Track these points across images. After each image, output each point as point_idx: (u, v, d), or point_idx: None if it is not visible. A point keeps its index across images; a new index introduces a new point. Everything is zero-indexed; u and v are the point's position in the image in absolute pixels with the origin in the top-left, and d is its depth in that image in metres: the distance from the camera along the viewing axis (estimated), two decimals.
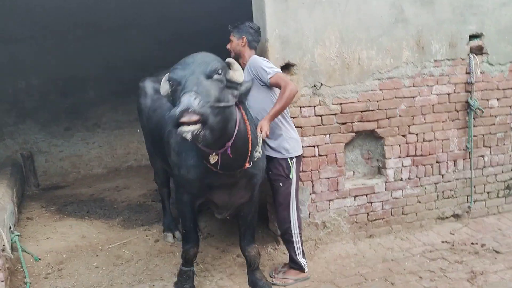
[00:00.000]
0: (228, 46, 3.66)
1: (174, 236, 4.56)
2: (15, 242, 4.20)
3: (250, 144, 2.93)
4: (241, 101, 2.86)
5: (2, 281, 3.40)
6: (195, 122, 2.30)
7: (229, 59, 2.80)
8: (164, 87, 2.76)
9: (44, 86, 7.22)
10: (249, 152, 2.96)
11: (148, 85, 4.39)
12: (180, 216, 3.51)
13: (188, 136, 2.31)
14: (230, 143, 2.74)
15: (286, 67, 3.92)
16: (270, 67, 3.41)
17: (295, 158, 3.58)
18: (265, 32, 3.79)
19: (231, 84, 2.71)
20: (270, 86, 3.44)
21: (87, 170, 7.64)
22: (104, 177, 7.44)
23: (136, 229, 4.93)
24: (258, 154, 2.94)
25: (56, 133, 7.44)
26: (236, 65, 2.79)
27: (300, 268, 3.69)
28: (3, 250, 3.59)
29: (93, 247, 4.48)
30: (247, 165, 2.96)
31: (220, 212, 3.49)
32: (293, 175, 3.55)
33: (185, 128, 2.30)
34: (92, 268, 4.06)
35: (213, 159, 2.71)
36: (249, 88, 2.84)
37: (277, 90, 3.44)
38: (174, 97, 2.61)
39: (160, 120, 3.75)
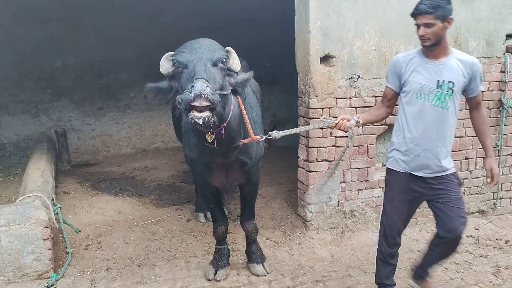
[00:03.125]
0: (422, 32, 2.69)
1: (205, 217, 4.74)
2: (57, 214, 4.44)
3: (247, 124, 3.02)
4: (235, 90, 2.90)
5: (50, 249, 3.63)
6: (205, 108, 2.37)
7: (228, 48, 2.85)
8: (165, 65, 2.77)
9: (80, 66, 7.44)
10: (243, 132, 3.09)
11: None
12: (203, 198, 3.67)
13: (200, 122, 2.40)
14: (224, 125, 2.83)
15: (325, 59, 4.03)
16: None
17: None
18: (308, 24, 3.89)
19: (229, 73, 2.81)
20: (470, 102, 2.92)
21: (117, 150, 7.88)
22: (133, 157, 7.66)
23: (168, 208, 5.12)
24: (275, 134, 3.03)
25: (89, 112, 7.68)
26: (233, 54, 2.86)
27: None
28: (49, 220, 3.81)
29: (129, 222, 4.70)
30: (241, 143, 3.08)
31: (223, 195, 3.64)
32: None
33: (197, 114, 2.37)
34: (129, 242, 4.27)
35: (209, 138, 2.81)
36: (246, 79, 2.91)
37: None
38: (178, 79, 2.66)
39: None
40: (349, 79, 4.10)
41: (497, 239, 4.31)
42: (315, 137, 4.15)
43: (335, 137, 4.19)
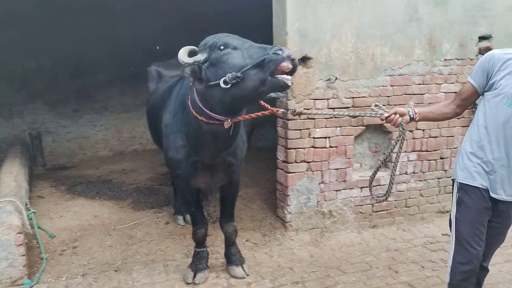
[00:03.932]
0: None
1: (184, 219, 4.69)
2: (31, 219, 4.33)
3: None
4: None
5: (23, 255, 3.54)
6: (289, 72, 2.47)
7: None
8: (198, 57, 2.72)
9: (55, 67, 7.27)
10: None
11: (153, 69, 4.63)
12: (183, 201, 3.66)
13: (290, 84, 2.49)
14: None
15: (303, 60, 4.05)
16: None
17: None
18: (285, 25, 3.90)
19: None
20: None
21: (93, 152, 7.74)
22: (110, 160, 7.54)
23: (147, 211, 5.06)
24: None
25: (64, 114, 7.52)
26: None
27: None
28: (22, 225, 3.71)
29: (105, 226, 4.61)
30: (262, 114, 3.11)
31: (205, 196, 3.66)
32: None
33: (288, 76, 2.47)
34: (106, 247, 4.20)
35: (227, 124, 2.82)
36: None
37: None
38: (220, 61, 2.64)
39: (155, 104, 3.91)
40: (326, 80, 4.14)
41: None
42: (294, 138, 4.17)
43: (314, 138, 4.22)
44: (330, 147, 4.29)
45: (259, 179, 5.98)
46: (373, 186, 4.43)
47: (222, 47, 2.64)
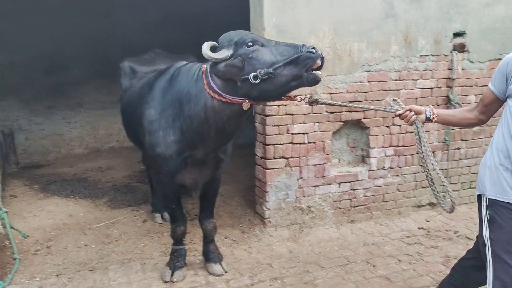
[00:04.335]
0: None
1: (162, 217, 4.64)
2: (3, 218, 4.19)
3: None
4: None
5: None
6: (318, 68, 2.65)
7: None
8: (224, 52, 2.78)
9: (28, 63, 7.04)
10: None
11: (126, 65, 4.49)
12: (163, 198, 3.60)
13: (322, 78, 2.70)
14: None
15: None
16: None
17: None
18: (262, 20, 3.88)
19: None
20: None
21: (68, 150, 7.55)
22: (86, 157, 7.37)
23: (124, 209, 4.97)
24: None
25: (37, 111, 7.29)
26: None
27: None
28: None
29: (81, 225, 4.52)
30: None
31: (190, 193, 3.63)
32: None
33: (320, 72, 2.66)
34: (81, 246, 4.11)
35: (246, 106, 2.85)
36: None
37: None
38: (249, 57, 2.72)
39: (131, 101, 3.83)
40: None
41: (446, 230, 4.49)
42: (272, 134, 4.16)
43: (292, 134, 4.22)
44: (309, 143, 4.30)
45: (238, 176, 5.95)
46: (351, 181, 4.53)
47: (250, 44, 2.73)
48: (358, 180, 4.56)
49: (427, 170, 2.72)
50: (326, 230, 4.46)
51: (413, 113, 2.57)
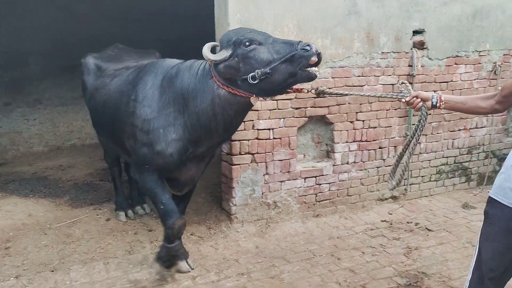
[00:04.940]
0: None
1: (126, 215, 4.56)
2: None
3: None
4: None
5: None
6: (316, 64, 2.70)
7: None
8: (223, 53, 2.82)
9: None
10: None
11: (91, 61, 4.32)
12: (151, 196, 3.43)
13: (318, 74, 2.77)
14: None
15: None
16: None
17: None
18: (227, 16, 3.86)
19: None
20: None
21: (27, 148, 7.28)
22: (46, 156, 7.13)
23: (86, 208, 4.84)
24: None
25: None
26: None
27: None
28: None
29: (41, 225, 4.37)
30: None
31: (181, 189, 3.59)
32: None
33: (316, 69, 2.72)
34: (41, 246, 3.98)
35: (255, 100, 2.90)
36: None
37: None
38: (247, 57, 2.77)
39: (109, 100, 3.71)
40: None
41: (408, 222, 4.63)
42: (237, 130, 4.14)
43: (257, 129, 4.23)
44: (274, 138, 4.32)
45: (204, 172, 5.89)
46: (316, 176, 4.59)
47: (247, 43, 2.76)
48: (323, 175, 4.63)
49: (404, 149, 2.88)
50: (292, 224, 4.51)
51: (419, 99, 2.58)
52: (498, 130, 5.56)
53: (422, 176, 5.23)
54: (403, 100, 2.67)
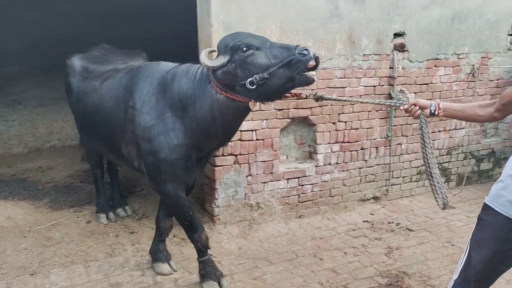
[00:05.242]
0: None
1: (107, 217, 4.51)
2: None
3: None
4: None
5: None
6: (314, 69, 2.66)
7: None
8: (221, 59, 2.79)
9: None
10: None
11: (77, 62, 4.17)
12: (173, 211, 3.41)
13: (316, 79, 2.72)
14: None
15: None
16: None
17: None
18: (210, 17, 3.85)
19: None
20: None
21: (6, 149, 7.12)
22: (25, 157, 6.99)
23: (66, 210, 4.78)
24: None
25: None
26: None
27: None
28: None
29: (20, 228, 4.30)
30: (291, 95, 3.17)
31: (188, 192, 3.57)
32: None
33: (314, 73, 2.68)
34: (20, 250, 3.91)
35: (253, 105, 2.89)
36: None
37: None
38: (244, 62, 2.73)
39: (102, 105, 3.57)
40: None
41: (389, 222, 4.68)
42: None
43: (240, 131, 4.22)
44: (257, 139, 4.32)
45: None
46: (299, 177, 4.61)
47: (245, 49, 2.73)
48: (305, 176, 4.65)
49: (427, 165, 2.76)
50: (275, 225, 4.52)
51: (417, 107, 2.61)
52: (477, 132, 5.67)
53: (403, 177, 5.30)
54: (401, 108, 2.70)
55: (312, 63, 2.62)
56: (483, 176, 5.87)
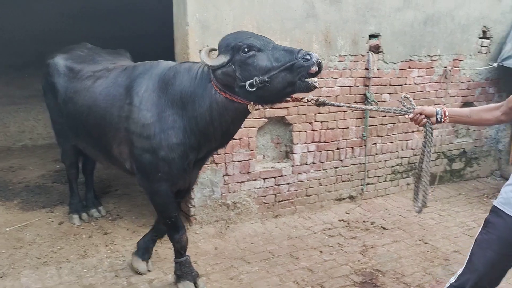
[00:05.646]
0: None
1: (80, 218, 4.42)
2: None
3: None
4: None
5: None
6: (316, 74, 2.60)
7: None
8: (220, 57, 2.75)
9: None
10: None
11: (61, 62, 4.02)
12: (160, 210, 3.33)
13: (317, 85, 2.65)
14: None
15: None
16: None
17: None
18: (186, 16, 3.82)
19: None
20: None
21: None
22: None
23: (37, 211, 4.66)
24: None
25: None
26: None
27: None
28: None
29: None
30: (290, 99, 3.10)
31: (183, 195, 3.57)
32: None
33: (316, 79, 2.62)
34: None
35: (252, 108, 2.82)
36: None
37: None
38: (245, 63, 2.67)
39: (95, 104, 3.45)
40: None
41: (364, 221, 4.74)
42: None
43: None
44: (234, 139, 4.26)
45: None
46: (276, 176, 4.62)
47: (246, 49, 2.67)
48: (282, 176, 4.67)
49: (419, 169, 2.75)
50: (251, 225, 4.52)
51: (423, 116, 2.58)
52: (449, 132, 5.81)
53: (378, 176, 5.38)
54: (407, 116, 2.67)
55: (314, 69, 2.56)
56: (455, 176, 6.01)
